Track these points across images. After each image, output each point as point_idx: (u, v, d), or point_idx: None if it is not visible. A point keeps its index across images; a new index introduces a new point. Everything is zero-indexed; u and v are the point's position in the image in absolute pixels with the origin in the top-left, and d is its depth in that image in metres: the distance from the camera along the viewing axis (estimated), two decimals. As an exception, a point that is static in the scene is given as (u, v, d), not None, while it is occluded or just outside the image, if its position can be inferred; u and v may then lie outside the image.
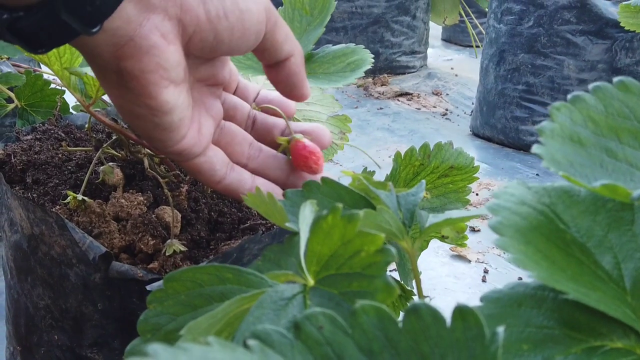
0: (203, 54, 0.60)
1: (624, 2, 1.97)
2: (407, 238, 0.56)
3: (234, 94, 0.73)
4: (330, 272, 0.46)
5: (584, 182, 0.43)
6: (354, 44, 0.91)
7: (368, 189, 0.60)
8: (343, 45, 0.91)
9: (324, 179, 0.61)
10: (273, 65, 0.66)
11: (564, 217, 0.46)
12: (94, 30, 0.52)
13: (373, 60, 0.88)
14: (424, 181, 0.62)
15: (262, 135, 0.72)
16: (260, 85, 0.79)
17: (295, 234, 0.55)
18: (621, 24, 1.99)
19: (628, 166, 0.45)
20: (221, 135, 0.68)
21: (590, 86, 0.47)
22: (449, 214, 0.59)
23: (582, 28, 2.36)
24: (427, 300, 0.39)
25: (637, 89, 0.47)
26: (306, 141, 0.69)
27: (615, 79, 0.47)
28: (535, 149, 0.45)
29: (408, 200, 0.59)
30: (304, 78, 0.68)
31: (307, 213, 0.51)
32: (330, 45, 0.93)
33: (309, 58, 0.92)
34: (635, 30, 2.02)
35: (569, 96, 0.47)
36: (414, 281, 0.99)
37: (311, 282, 0.47)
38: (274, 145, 0.72)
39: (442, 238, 0.87)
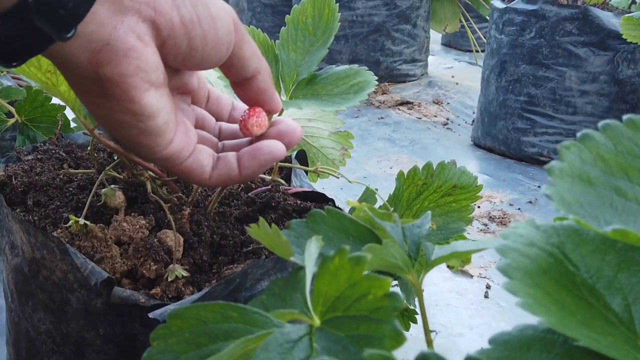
0: (176, 63, 0.59)
1: (626, 15, 1.97)
2: (413, 271, 0.56)
3: (206, 104, 0.72)
4: (337, 313, 0.45)
5: (594, 223, 0.43)
6: (357, 65, 0.90)
7: (373, 220, 0.59)
8: (346, 66, 0.90)
9: (328, 210, 0.60)
10: (240, 83, 0.66)
11: (573, 257, 0.45)
12: (69, 35, 0.51)
13: (377, 83, 0.87)
14: (429, 212, 0.61)
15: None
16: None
17: (301, 267, 0.54)
18: (623, 36, 1.99)
19: (638, 206, 0.45)
20: None
21: (600, 124, 0.47)
22: (455, 247, 0.58)
23: (584, 39, 2.35)
24: (432, 335, 0.39)
25: (647, 127, 0.46)
26: (260, 110, 0.68)
27: (625, 117, 0.47)
28: (544, 190, 0.44)
29: (414, 232, 0.59)
30: (272, 94, 0.67)
31: (312, 249, 0.50)
32: (334, 66, 0.92)
33: (312, 79, 0.91)
34: (637, 42, 2.01)
35: (578, 134, 0.47)
36: (416, 299, 0.99)
37: (317, 322, 0.46)
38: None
39: (448, 266, 0.86)
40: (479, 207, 2.11)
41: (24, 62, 0.54)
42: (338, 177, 0.95)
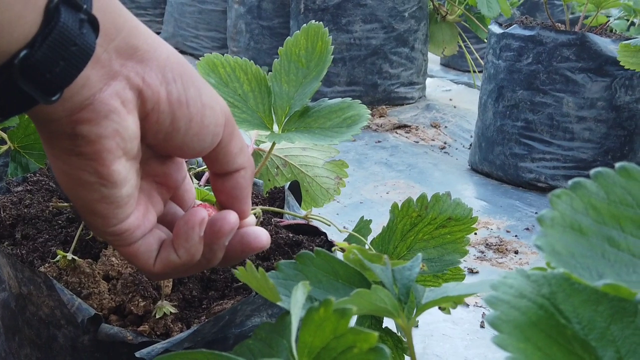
0: (156, 141, 0.58)
1: (623, 42, 1.97)
2: (403, 315, 0.55)
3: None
4: (322, 365, 0.44)
5: (586, 274, 0.42)
6: (350, 99, 0.90)
7: (362, 262, 0.58)
8: (339, 99, 0.90)
9: (317, 252, 0.59)
10: (221, 175, 0.64)
11: (565, 308, 0.44)
12: (54, 98, 0.50)
13: (370, 117, 0.86)
14: (420, 254, 0.60)
15: None
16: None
17: (288, 312, 0.53)
18: (621, 63, 1.99)
19: (630, 256, 0.44)
20: None
21: (592, 172, 0.46)
22: (446, 290, 0.57)
23: (582, 65, 2.35)
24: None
25: (640, 175, 0.45)
26: (210, 207, 0.65)
27: (617, 165, 0.46)
28: (535, 240, 0.43)
29: (404, 275, 0.58)
30: (248, 195, 0.65)
31: (298, 296, 0.49)
32: (326, 98, 0.91)
33: (304, 112, 0.90)
34: (635, 69, 2.01)
35: (569, 182, 0.46)
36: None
37: (302, 373, 0.45)
38: None
39: (440, 308, 0.85)
40: (475, 233, 2.10)
41: (6, 119, 0.52)
42: (329, 225, 0.94)
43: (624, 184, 0.45)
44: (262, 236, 0.65)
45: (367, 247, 0.93)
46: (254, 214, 0.87)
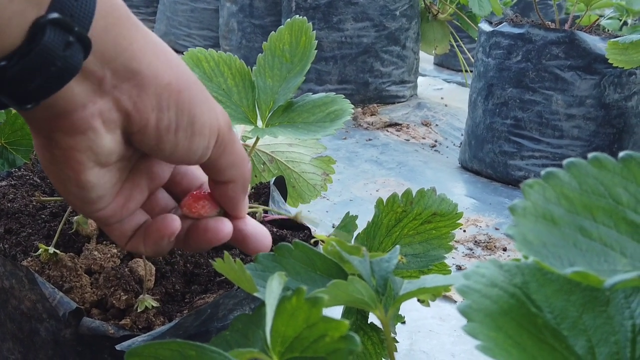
0: (142, 148, 0.58)
1: (612, 39, 1.97)
2: (380, 306, 0.55)
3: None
4: (295, 354, 0.44)
5: (557, 263, 0.42)
6: (333, 93, 0.90)
7: (340, 254, 0.58)
8: (323, 94, 0.90)
9: (296, 243, 0.60)
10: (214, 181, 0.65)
11: (537, 297, 0.45)
12: (28, 107, 0.50)
13: (353, 112, 0.87)
14: (398, 247, 0.60)
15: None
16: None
17: (265, 303, 0.54)
18: (609, 61, 1.99)
19: (602, 246, 0.44)
20: None
21: (565, 162, 0.46)
22: (424, 282, 0.58)
23: (571, 63, 2.36)
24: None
25: (612, 165, 0.45)
26: (204, 195, 0.65)
27: (590, 155, 0.46)
28: (507, 230, 0.43)
29: (382, 267, 0.58)
30: (237, 202, 0.65)
31: (274, 286, 0.49)
32: (310, 93, 0.91)
33: (288, 106, 0.90)
34: (623, 67, 2.02)
35: (542, 172, 0.46)
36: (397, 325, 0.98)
37: (276, 363, 0.45)
38: None
39: (419, 300, 0.85)
40: (464, 231, 2.10)
41: None
42: (315, 226, 0.94)
43: (596, 174, 0.45)
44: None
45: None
46: (255, 213, 0.87)
